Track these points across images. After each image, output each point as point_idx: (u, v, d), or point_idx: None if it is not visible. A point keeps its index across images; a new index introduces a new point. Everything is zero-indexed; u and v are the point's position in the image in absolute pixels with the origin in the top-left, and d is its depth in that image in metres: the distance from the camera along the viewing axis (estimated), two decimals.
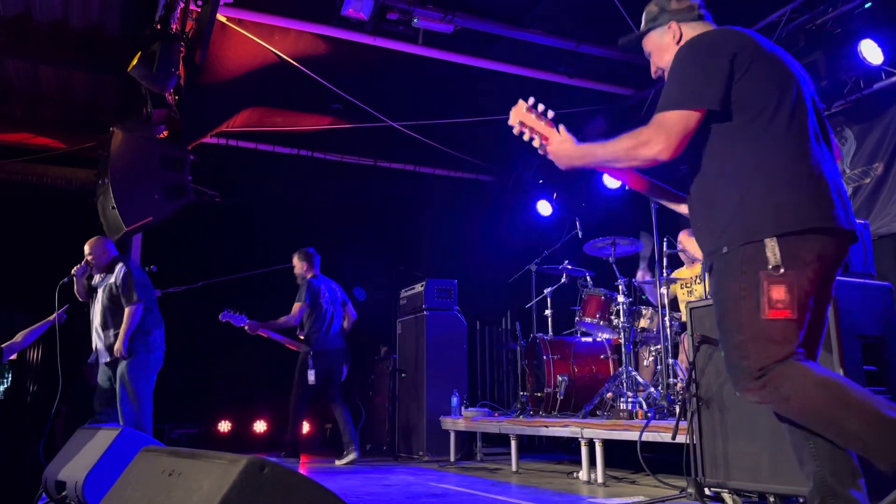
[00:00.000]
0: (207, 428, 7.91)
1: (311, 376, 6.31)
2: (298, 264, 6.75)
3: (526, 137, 2.44)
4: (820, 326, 2.15)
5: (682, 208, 2.47)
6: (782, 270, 1.95)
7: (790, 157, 2.05)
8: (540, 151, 2.44)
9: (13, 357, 5.11)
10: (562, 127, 2.38)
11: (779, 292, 1.94)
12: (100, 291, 5.27)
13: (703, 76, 2.11)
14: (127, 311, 5.04)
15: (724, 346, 2.08)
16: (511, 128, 2.46)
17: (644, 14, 2.50)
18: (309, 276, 6.67)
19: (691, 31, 2.36)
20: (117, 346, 4.99)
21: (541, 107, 2.42)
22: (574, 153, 2.32)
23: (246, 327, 6.45)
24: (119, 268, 5.19)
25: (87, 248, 5.27)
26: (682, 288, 5.86)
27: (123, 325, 5.01)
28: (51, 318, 5.20)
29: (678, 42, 2.36)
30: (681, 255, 5.99)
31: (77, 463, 3.55)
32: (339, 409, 6.41)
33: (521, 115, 2.44)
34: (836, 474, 1.99)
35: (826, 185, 2.05)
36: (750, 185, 2.05)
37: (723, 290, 2.08)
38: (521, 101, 2.45)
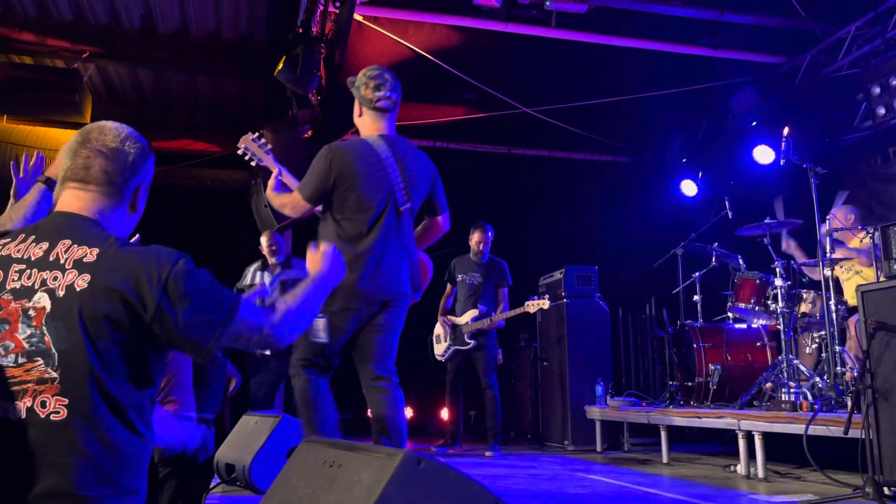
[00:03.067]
0: (358, 414, 8.23)
1: (500, 355, 6.43)
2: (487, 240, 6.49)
3: (246, 158, 3.31)
4: (375, 349, 3.11)
5: None
6: (323, 313, 2.86)
7: (356, 253, 2.92)
8: (252, 164, 3.35)
9: None
10: (281, 172, 3.19)
11: (318, 325, 2.89)
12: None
13: (315, 178, 2.97)
14: None
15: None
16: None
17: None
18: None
19: (368, 117, 3.12)
20: None
21: (263, 139, 3.34)
22: (268, 193, 3.16)
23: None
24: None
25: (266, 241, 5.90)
26: (841, 268, 5.37)
27: None
28: None
29: (359, 116, 3.16)
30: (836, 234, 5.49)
31: (244, 448, 3.79)
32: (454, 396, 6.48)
33: (248, 143, 3.30)
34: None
35: (371, 272, 2.94)
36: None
37: None
38: (249, 133, 3.34)
